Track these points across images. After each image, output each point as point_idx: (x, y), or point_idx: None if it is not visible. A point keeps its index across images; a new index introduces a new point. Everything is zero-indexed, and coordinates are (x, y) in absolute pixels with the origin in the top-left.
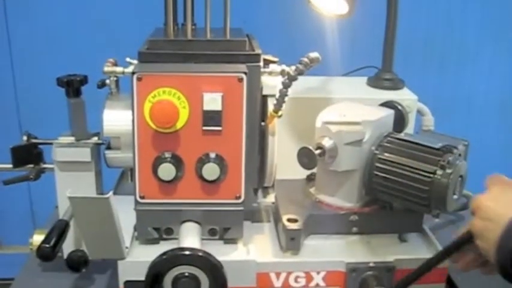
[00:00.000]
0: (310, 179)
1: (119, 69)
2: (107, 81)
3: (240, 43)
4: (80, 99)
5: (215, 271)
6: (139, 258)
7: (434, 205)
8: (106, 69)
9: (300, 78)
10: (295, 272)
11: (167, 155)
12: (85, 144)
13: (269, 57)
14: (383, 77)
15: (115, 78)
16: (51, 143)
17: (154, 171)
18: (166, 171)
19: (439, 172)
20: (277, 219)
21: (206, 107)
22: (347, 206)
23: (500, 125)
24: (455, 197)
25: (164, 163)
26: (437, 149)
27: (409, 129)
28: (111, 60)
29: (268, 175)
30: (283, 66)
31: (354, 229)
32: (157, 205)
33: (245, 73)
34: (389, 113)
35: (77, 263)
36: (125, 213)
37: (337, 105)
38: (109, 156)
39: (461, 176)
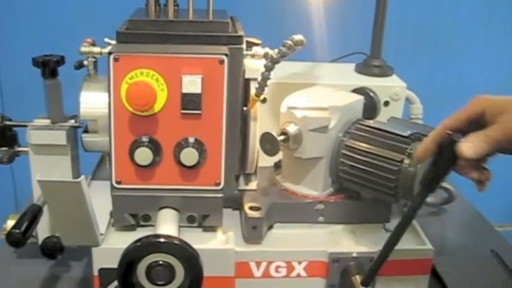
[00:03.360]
0: (277, 166)
1: (96, 49)
2: (85, 62)
3: (223, 25)
4: (56, 81)
5: (191, 260)
6: (114, 245)
7: (401, 195)
8: (83, 49)
9: (286, 63)
10: (276, 262)
11: (144, 139)
12: (61, 127)
13: (252, 39)
14: (371, 64)
15: (93, 59)
16: (25, 125)
17: (131, 156)
18: (143, 155)
19: (407, 161)
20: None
21: (185, 90)
22: (312, 194)
23: None
24: None
25: (141, 147)
26: (406, 137)
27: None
28: (88, 40)
29: (249, 162)
30: (267, 49)
31: (321, 218)
32: (134, 191)
33: (226, 55)
34: (359, 99)
35: (52, 250)
36: (104, 198)
37: (305, 90)
38: (86, 140)
39: None
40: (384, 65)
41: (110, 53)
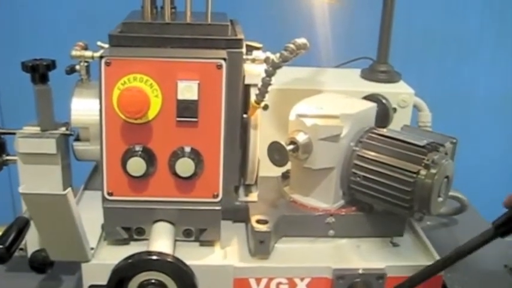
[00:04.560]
0: (285, 176)
1: (87, 53)
2: (77, 66)
3: (222, 28)
4: (46, 86)
5: (185, 279)
6: (105, 260)
7: (417, 207)
8: (74, 53)
9: (289, 68)
10: (278, 278)
11: (137, 148)
12: (50, 135)
13: (253, 43)
14: (378, 69)
15: (85, 64)
16: (14, 133)
17: (124, 166)
18: (136, 166)
19: (423, 172)
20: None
21: (181, 96)
22: (323, 206)
23: (500, 121)
24: (440, 199)
25: (134, 157)
26: (422, 147)
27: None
28: (80, 43)
29: (249, 172)
30: (268, 54)
31: (331, 232)
32: (127, 203)
33: (225, 59)
34: (371, 106)
35: (42, 264)
36: (97, 209)
37: (315, 97)
38: (77, 149)
39: (447, 177)
40: (391, 70)
41: (101, 57)
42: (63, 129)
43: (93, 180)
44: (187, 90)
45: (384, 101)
